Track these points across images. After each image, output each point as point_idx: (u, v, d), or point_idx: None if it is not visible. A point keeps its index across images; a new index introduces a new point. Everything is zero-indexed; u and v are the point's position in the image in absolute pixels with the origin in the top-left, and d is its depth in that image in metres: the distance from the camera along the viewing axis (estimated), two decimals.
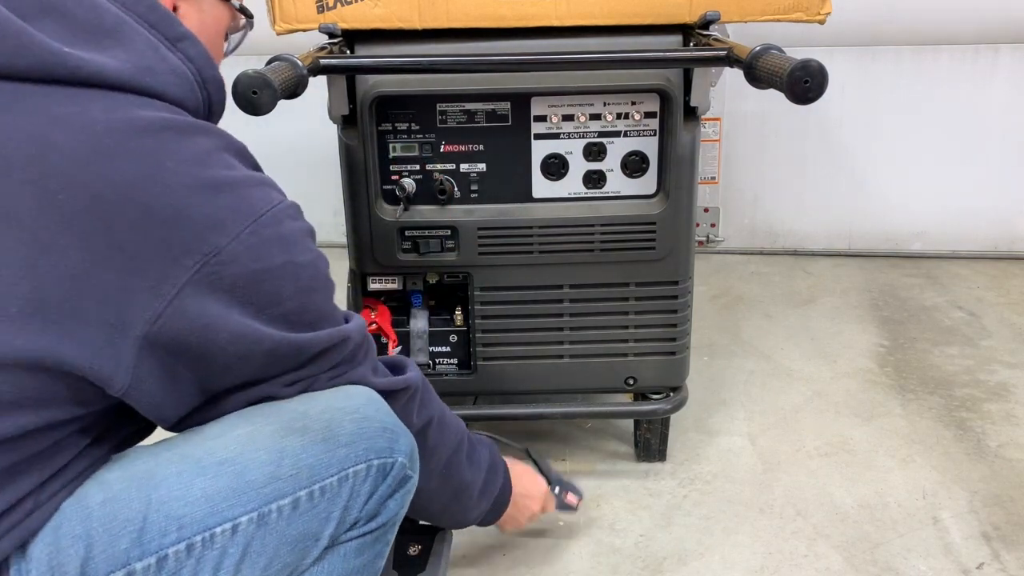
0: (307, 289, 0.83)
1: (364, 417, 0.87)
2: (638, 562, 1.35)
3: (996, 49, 2.47)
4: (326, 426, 0.84)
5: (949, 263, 2.60)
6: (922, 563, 1.33)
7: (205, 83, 0.84)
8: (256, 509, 0.79)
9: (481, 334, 1.43)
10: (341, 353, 0.88)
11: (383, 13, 1.29)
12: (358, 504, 0.85)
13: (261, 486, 0.79)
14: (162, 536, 0.75)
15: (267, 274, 0.79)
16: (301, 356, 0.84)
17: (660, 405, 1.49)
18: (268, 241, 0.79)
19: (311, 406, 0.85)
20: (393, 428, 0.89)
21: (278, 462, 0.81)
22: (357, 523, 0.87)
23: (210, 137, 0.80)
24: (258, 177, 0.84)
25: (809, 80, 0.96)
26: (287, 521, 0.81)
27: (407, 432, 0.91)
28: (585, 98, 1.33)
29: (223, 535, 0.77)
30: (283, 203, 0.83)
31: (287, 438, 0.82)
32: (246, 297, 0.78)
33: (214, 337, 0.76)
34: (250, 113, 1.00)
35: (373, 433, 0.86)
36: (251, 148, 0.89)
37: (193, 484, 0.78)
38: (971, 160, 2.57)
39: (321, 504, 0.83)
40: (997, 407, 1.78)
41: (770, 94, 1.15)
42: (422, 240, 1.37)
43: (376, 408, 0.89)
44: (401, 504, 0.90)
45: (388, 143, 1.35)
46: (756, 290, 2.44)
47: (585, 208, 1.38)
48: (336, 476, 0.83)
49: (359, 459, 0.85)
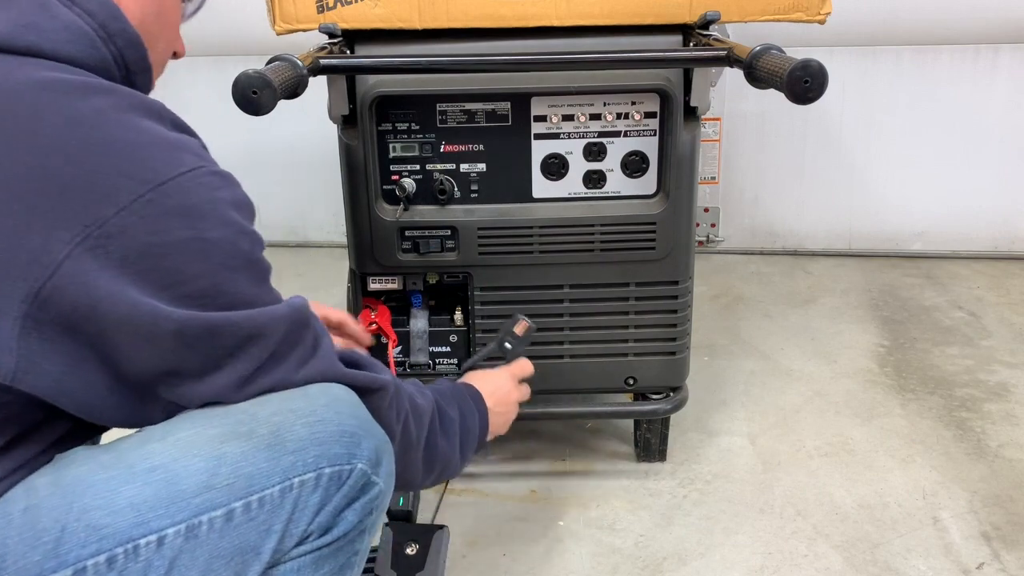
0: (221, 268, 0.75)
1: (319, 420, 0.79)
2: (638, 562, 1.35)
3: (996, 49, 2.47)
4: (274, 431, 0.77)
5: (949, 263, 2.60)
6: (922, 563, 1.33)
7: (112, 38, 0.78)
8: (185, 521, 0.73)
9: (481, 334, 1.43)
10: (273, 338, 0.78)
11: (383, 13, 1.29)
12: (306, 516, 0.78)
13: (192, 496, 0.73)
14: (80, 547, 0.70)
15: (167, 248, 0.71)
16: (219, 341, 0.75)
17: (660, 405, 1.49)
18: (168, 212, 0.71)
19: (262, 408, 0.79)
20: (354, 432, 0.81)
21: (214, 470, 0.74)
22: (309, 537, 0.79)
23: (109, 96, 0.73)
24: (172, 139, 0.76)
25: (809, 80, 0.96)
26: (219, 534, 0.74)
27: (374, 435, 0.83)
28: (585, 98, 1.33)
29: (147, 548, 0.72)
30: (199, 169, 0.75)
31: (228, 443, 0.76)
32: (143, 273, 0.71)
33: (106, 315, 0.70)
34: (250, 113, 1.00)
35: (328, 438, 0.79)
36: (251, 148, 0.87)
37: (120, 492, 0.72)
38: (971, 160, 2.57)
39: (260, 516, 0.76)
40: (997, 407, 1.78)
41: (770, 94, 1.15)
42: (422, 240, 1.37)
43: (337, 410, 0.81)
44: (361, 514, 0.82)
45: (388, 143, 1.35)
46: (756, 290, 2.44)
47: (585, 208, 1.38)
48: (278, 486, 0.76)
49: (307, 467, 0.78)
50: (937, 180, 2.60)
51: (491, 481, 1.56)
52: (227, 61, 2.63)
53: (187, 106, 2.99)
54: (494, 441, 1.57)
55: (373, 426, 0.84)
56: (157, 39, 0.87)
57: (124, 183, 0.70)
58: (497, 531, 1.42)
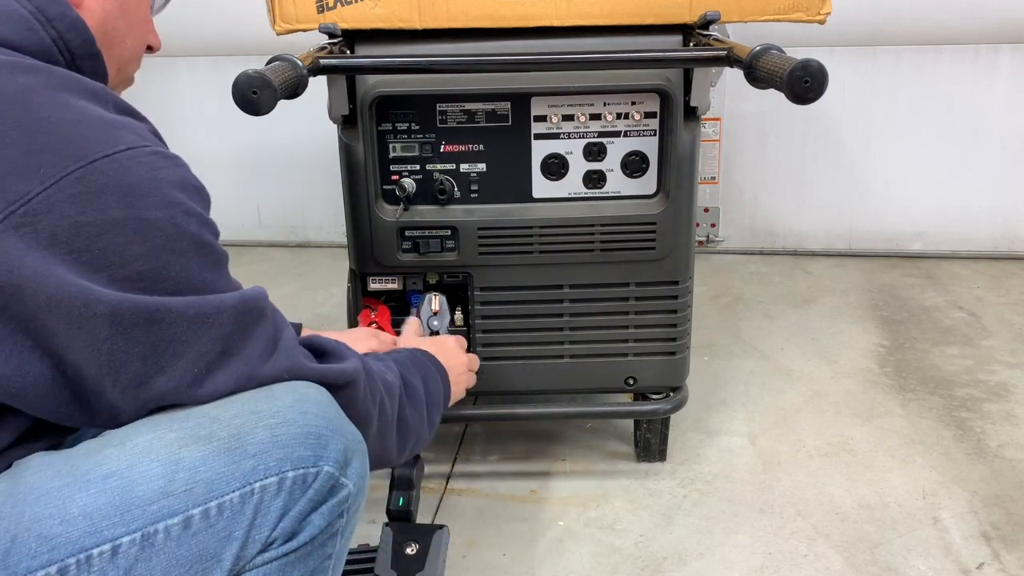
0: (163, 250, 0.71)
1: (283, 422, 0.76)
2: (638, 562, 1.35)
3: (996, 49, 2.48)
4: (235, 434, 0.74)
5: (949, 263, 2.60)
6: (922, 563, 1.33)
7: (51, 22, 0.76)
8: (140, 529, 0.70)
9: (481, 334, 1.43)
10: (221, 328, 0.74)
11: (383, 13, 1.29)
12: (269, 522, 0.75)
13: (148, 503, 0.70)
14: (31, 558, 0.67)
15: (101, 228, 0.68)
16: (159, 330, 0.71)
17: (660, 405, 1.49)
18: (102, 190, 0.68)
19: (224, 411, 0.76)
20: (320, 433, 0.78)
21: (171, 476, 0.71)
22: (273, 543, 0.76)
23: (39, 75, 0.71)
24: (110, 119, 0.73)
25: (809, 80, 0.96)
26: (177, 542, 0.71)
27: (343, 435, 0.80)
28: (585, 98, 1.34)
29: (101, 558, 0.69)
30: (139, 148, 0.72)
31: (186, 448, 0.73)
32: (76, 253, 0.68)
33: (34, 296, 0.67)
34: (250, 113, 1.00)
35: (291, 441, 0.76)
36: (251, 148, 0.87)
37: (73, 500, 0.69)
38: (971, 160, 2.58)
39: (219, 523, 0.73)
40: (997, 407, 1.78)
41: (770, 94, 1.15)
42: (422, 240, 1.37)
43: (303, 411, 0.78)
44: (329, 518, 0.79)
45: (388, 143, 1.35)
46: (756, 290, 2.44)
47: (585, 208, 1.38)
48: (238, 491, 0.73)
49: (269, 471, 0.75)
50: (937, 180, 2.60)
51: (491, 481, 1.56)
52: (227, 61, 2.64)
53: (187, 106, 3.00)
54: (494, 441, 1.57)
55: (343, 425, 0.81)
56: (125, 35, 0.86)
57: (51, 159, 0.67)
58: (497, 531, 1.42)
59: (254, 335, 0.78)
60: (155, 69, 2.68)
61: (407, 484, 1.28)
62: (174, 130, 2.77)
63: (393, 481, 1.29)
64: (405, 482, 1.28)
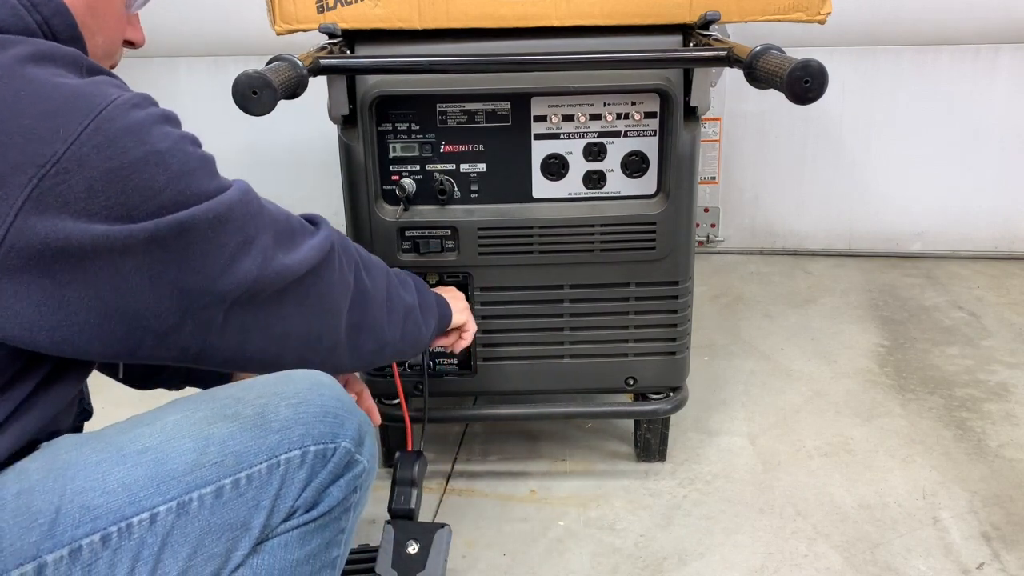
0: (181, 174, 0.76)
1: (303, 402, 0.84)
2: (638, 562, 1.35)
3: (996, 49, 2.48)
4: (259, 412, 0.81)
5: (949, 263, 2.60)
6: (922, 563, 1.33)
7: (36, 7, 0.78)
8: (176, 498, 0.76)
9: (481, 334, 1.43)
10: (234, 221, 0.80)
11: (383, 13, 1.29)
12: (292, 492, 0.82)
13: (183, 474, 0.77)
14: (75, 527, 0.72)
15: (129, 169, 0.73)
16: (188, 237, 0.76)
17: (660, 405, 1.49)
18: (117, 135, 0.72)
19: (247, 392, 0.83)
20: (337, 413, 0.85)
21: (203, 449, 0.78)
22: (295, 512, 0.83)
23: (18, 47, 0.74)
24: (93, 79, 0.77)
25: (809, 80, 0.96)
26: (210, 510, 0.78)
27: (356, 416, 0.88)
28: (585, 98, 1.34)
29: (140, 525, 0.75)
30: (123, 95, 0.75)
31: (215, 425, 0.80)
32: (110, 202, 0.72)
33: (80, 248, 0.71)
34: (250, 113, 1.00)
35: (311, 418, 0.83)
36: (251, 148, 0.88)
37: (111, 473, 0.75)
38: (971, 160, 2.57)
39: (248, 492, 0.79)
40: (997, 407, 1.78)
41: (770, 94, 1.15)
42: (422, 240, 1.37)
43: (319, 392, 0.85)
44: (346, 491, 0.86)
45: (388, 143, 1.35)
46: (756, 290, 2.44)
47: (585, 208, 1.38)
48: (265, 463, 0.80)
49: (293, 445, 0.82)
50: (937, 180, 2.60)
51: (491, 481, 1.56)
52: (227, 61, 2.64)
53: (188, 106, 3.01)
54: (494, 441, 1.58)
55: (355, 407, 0.88)
56: (94, 32, 0.86)
57: (65, 120, 0.71)
58: (497, 531, 1.42)
59: (259, 218, 0.83)
60: (155, 69, 2.68)
61: (410, 482, 1.28)
62: None
63: (395, 479, 1.29)
64: (408, 480, 1.28)
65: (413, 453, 1.33)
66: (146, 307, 0.76)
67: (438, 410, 1.48)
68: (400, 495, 1.27)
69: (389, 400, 1.47)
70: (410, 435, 1.39)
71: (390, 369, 1.43)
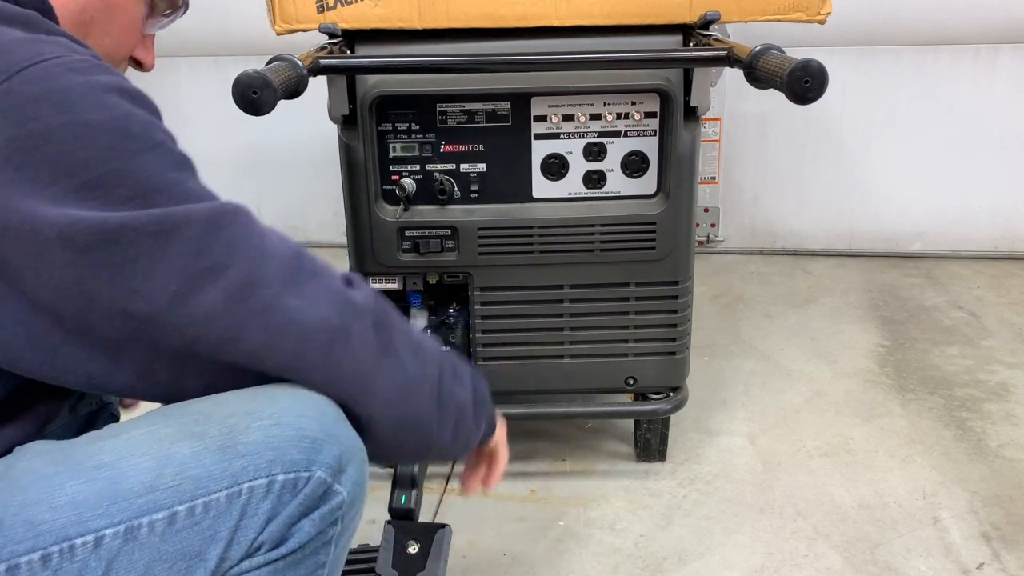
0: (112, 152, 0.66)
1: (277, 424, 0.73)
2: (638, 562, 1.35)
3: (996, 49, 2.48)
4: (227, 433, 0.72)
5: (949, 263, 2.60)
6: (922, 563, 1.33)
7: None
8: (125, 522, 0.69)
9: (481, 334, 1.43)
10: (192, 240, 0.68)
11: (383, 13, 1.29)
12: (255, 525, 0.73)
13: (135, 496, 0.69)
14: (16, 543, 0.66)
15: (40, 138, 0.64)
16: (120, 248, 0.66)
17: (660, 405, 1.49)
18: (34, 99, 0.64)
19: (219, 408, 0.74)
20: (315, 438, 0.74)
21: (159, 471, 0.70)
22: (260, 548, 0.74)
23: None
24: (35, 37, 0.69)
25: (809, 80, 0.96)
26: (161, 537, 0.70)
27: (340, 441, 0.76)
28: (585, 98, 1.34)
29: (84, 548, 0.67)
30: (65, 57, 0.67)
31: (178, 444, 0.71)
32: (17, 170, 0.63)
33: None
34: (250, 113, 1.00)
35: (284, 443, 0.73)
36: (251, 148, 0.86)
37: (63, 488, 0.68)
38: (971, 160, 2.57)
39: (205, 521, 0.71)
40: (997, 407, 1.78)
41: (770, 94, 1.15)
42: (422, 240, 1.37)
43: (299, 413, 0.75)
44: (321, 525, 0.76)
45: (388, 143, 1.35)
46: (756, 290, 2.44)
47: (585, 208, 1.38)
48: (225, 491, 0.71)
49: (259, 473, 0.72)
50: (937, 180, 2.60)
51: None
52: (227, 61, 2.64)
53: (187, 106, 3.00)
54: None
55: (342, 430, 0.77)
56: (103, 33, 0.84)
57: None
58: (497, 531, 1.42)
59: (240, 245, 0.72)
60: (155, 69, 2.67)
61: (410, 482, 1.28)
62: (174, 130, 2.77)
63: (395, 479, 1.29)
64: (408, 480, 1.28)
65: None
66: (84, 325, 0.68)
67: None
68: (400, 495, 1.27)
69: None
70: None
71: None
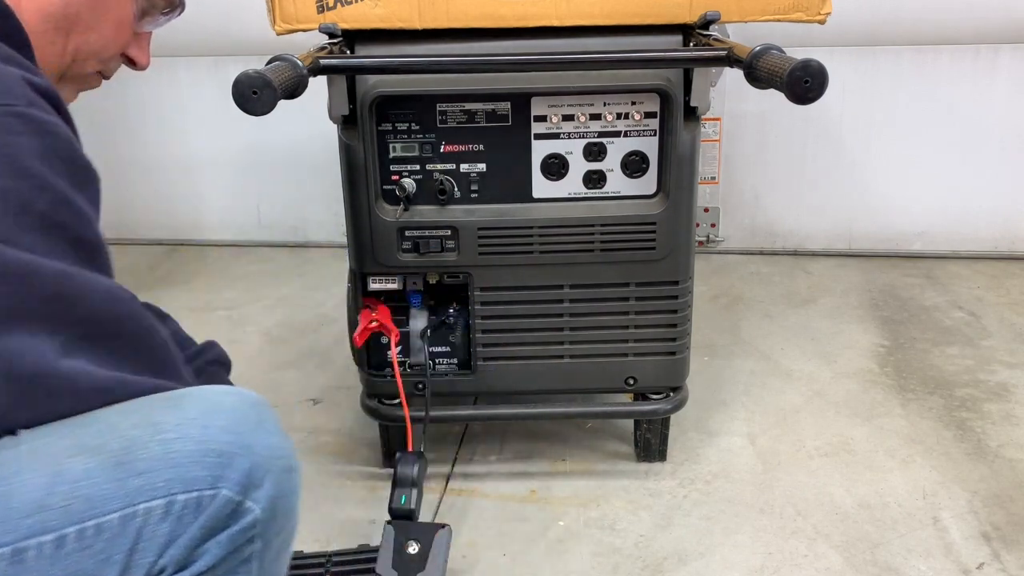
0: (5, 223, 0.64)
1: (180, 437, 0.68)
2: (638, 562, 1.35)
3: (996, 49, 2.47)
4: (126, 447, 0.67)
5: (949, 263, 2.60)
6: (922, 563, 1.33)
7: None
8: (11, 544, 0.64)
9: (481, 334, 1.43)
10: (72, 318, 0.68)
11: (383, 13, 1.29)
12: (152, 548, 0.68)
13: (24, 516, 0.64)
14: None
15: None
16: None
17: (660, 405, 1.49)
18: None
19: (126, 418, 0.69)
20: (223, 451, 0.69)
21: (51, 488, 0.65)
22: (162, 572, 0.69)
23: None
24: None
25: (809, 80, 0.96)
26: (49, 561, 0.65)
27: (253, 453, 0.71)
28: (585, 98, 1.34)
29: None
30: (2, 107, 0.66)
31: (75, 458, 0.66)
32: None
33: None
34: (250, 113, 1.00)
35: (185, 459, 0.68)
36: (251, 148, 0.84)
37: None
38: (971, 160, 2.57)
39: (96, 545, 0.66)
40: (997, 407, 1.78)
41: (770, 94, 1.15)
42: (422, 240, 1.37)
43: (206, 424, 0.70)
44: (230, 547, 0.71)
45: (388, 143, 1.35)
46: (756, 290, 2.44)
47: (585, 208, 1.38)
48: (118, 513, 0.66)
49: (156, 493, 0.67)
50: (937, 180, 2.60)
51: (491, 481, 1.56)
52: (227, 61, 2.64)
53: (187, 106, 3.00)
54: (494, 441, 1.58)
55: (257, 440, 0.72)
56: (88, 27, 0.83)
57: None
58: (497, 531, 1.42)
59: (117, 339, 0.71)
60: (155, 69, 2.67)
61: (410, 482, 1.28)
62: (174, 130, 2.78)
63: (395, 479, 1.29)
64: (408, 480, 1.29)
65: (413, 453, 1.33)
66: None
67: (438, 410, 1.47)
68: (400, 495, 1.27)
69: (390, 400, 1.47)
70: (410, 435, 1.39)
71: (391, 368, 1.43)
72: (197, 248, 2.83)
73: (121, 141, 2.78)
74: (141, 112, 2.74)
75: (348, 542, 1.36)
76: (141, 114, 2.75)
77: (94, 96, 1.02)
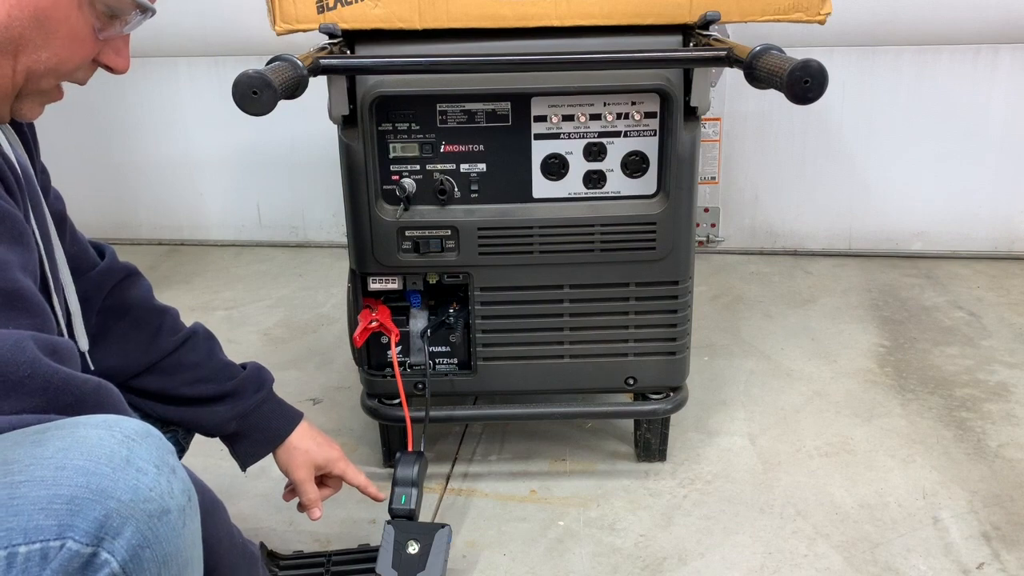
0: None
1: (28, 480, 0.62)
2: (638, 562, 1.35)
3: (996, 49, 2.47)
4: None
5: (949, 263, 2.60)
6: (922, 563, 1.33)
7: None
8: None
9: (481, 334, 1.43)
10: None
11: (383, 13, 1.29)
12: None
13: None
14: None
15: None
16: None
17: (660, 405, 1.49)
18: None
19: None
20: (74, 496, 0.62)
21: None
22: None
23: None
24: None
25: (809, 80, 0.96)
26: None
27: (111, 498, 0.63)
28: (585, 98, 1.34)
29: None
30: None
31: None
32: None
33: None
34: (250, 113, 1.00)
35: (29, 507, 0.61)
36: (251, 148, 0.84)
37: None
38: (971, 160, 2.57)
39: None
40: (997, 407, 1.78)
41: (770, 94, 1.16)
42: (422, 240, 1.37)
43: (61, 465, 0.62)
44: None
45: (388, 143, 1.35)
46: (756, 290, 2.44)
47: (585, 208, 1.38)
48: None
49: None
50: (937, 180, 2.60)
51: (491, 481, 1.56)
52: (227, 61, 2.64)
53: (187, 106, 3.00)
54: (494, 441, 1.58)
55: (118, 482, 0.64)
56: (38, 47, 0.81)
57: None
58: (497, 531, 1.42)
59: None
60: (155, 69, 2.68)
61: (410, 482, 1.28)
62: (174, 130, 2.78)
63: (396, 479, 1.29)
64: (408, 480, 1.29)
65: (413, 453, 1.33)
66: None
67: (438, 410, 1.48)
68: (400, 495, 1.27)
69: (389, 400, 1.47)
70: (411, 435, 1.39)
71: (391, 369, 1.43)
72: (197, 248, 2.83)
73: (121, 141, 2.78)
74: (141, 112, 2.74)
75: (348, 542, 1.36)
76: (141, 114, 2.75)
77: (94, 96, 1.02)
